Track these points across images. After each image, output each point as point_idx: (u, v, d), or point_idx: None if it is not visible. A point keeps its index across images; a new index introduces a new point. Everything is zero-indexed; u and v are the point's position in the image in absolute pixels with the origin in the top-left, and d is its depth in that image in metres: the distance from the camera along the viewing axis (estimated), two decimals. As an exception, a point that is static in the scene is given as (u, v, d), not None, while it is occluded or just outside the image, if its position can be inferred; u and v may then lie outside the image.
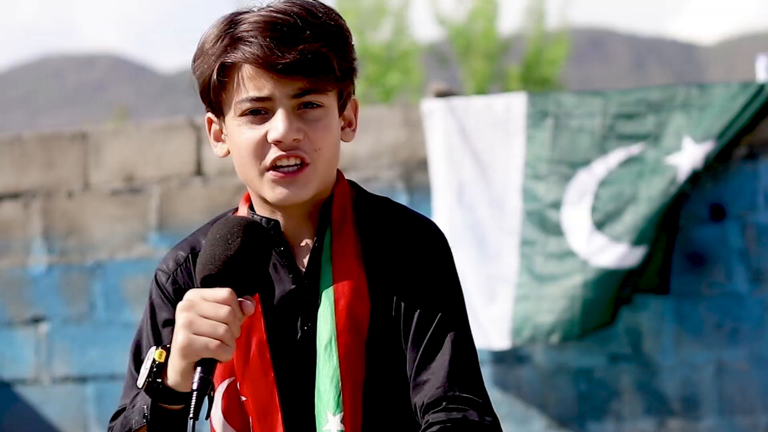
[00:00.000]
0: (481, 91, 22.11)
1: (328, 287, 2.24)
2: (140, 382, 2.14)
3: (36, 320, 7.30)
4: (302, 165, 2.23)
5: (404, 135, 6.94)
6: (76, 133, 7.38)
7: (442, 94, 6.96)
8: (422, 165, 6.87)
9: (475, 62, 23.34)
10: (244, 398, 2.26)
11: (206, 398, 2.10)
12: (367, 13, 23.46)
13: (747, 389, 6.57)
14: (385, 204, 2.34)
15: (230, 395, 2.27)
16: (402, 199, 6.83)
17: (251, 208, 2.33)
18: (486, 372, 6.77)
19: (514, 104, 6.73)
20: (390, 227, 2.29)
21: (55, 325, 7.27)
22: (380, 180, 6.93)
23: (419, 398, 2.20)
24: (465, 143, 6.74)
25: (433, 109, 6.82)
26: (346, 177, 2.36)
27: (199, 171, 7.20)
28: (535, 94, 6.97)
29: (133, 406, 2.21)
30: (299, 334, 2.27)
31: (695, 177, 6.43)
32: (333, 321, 2.22)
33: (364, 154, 6.88)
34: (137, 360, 2.35)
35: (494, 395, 6.76)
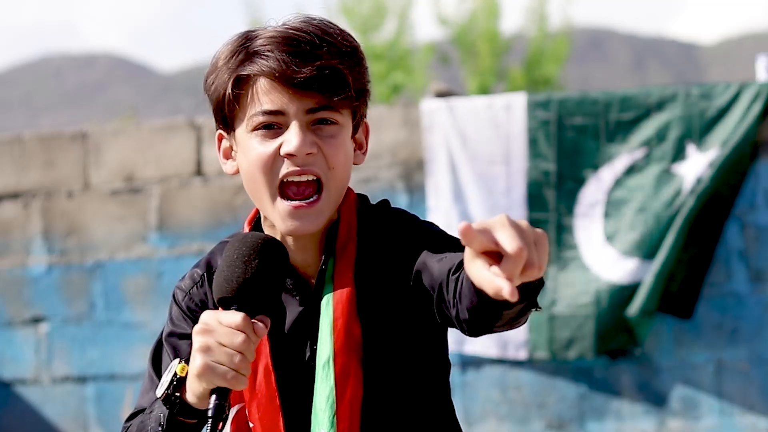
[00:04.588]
0: (484, 90, 22.12)
1: (329, 307, 2.24)
2: (159, 391, 2.15)
3: (36, 320, 7.30)
4: (317, 187, 2.22)
5: (404, 135, 6.94)
6: (76, 133, 7.38)
7: (442, 94, 6.95)
8: (422, 165, 6.87)
9: (477, 62, 23.36)
10: (252, 424, 2.28)
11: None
12: (370, 13, 23.49)
13: (747, 389, 6.57)
14: (385, 214, 2.33)
15: (239, 421, 2.28)
16: (402, 199, 6.83)
17: (255, 229, 2.31)
18: (486, 372, 6.77)
19: (514, 104, 6.73)
20: (386, 239, 2.28)
21: (55, 325, 7.27)
22: (380, 180, 6.92)
23: (447, 269, 2.13)
24: (464, 143, 6.74)
25: (432, 109, 6.83)
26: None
27: (199, 171, 7.20)
28: (535, 94, 6.97)
29: (151, 413, 2.21)
30: (308, 355, 2.27)
31: (705, 190, 6.46)
32: (331, 341, 2.22)
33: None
34: (156, 365, 2.35)
35: (494, 395, 6.76)
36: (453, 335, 6.41)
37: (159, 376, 2.30)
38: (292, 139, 2.19)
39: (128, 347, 7.12)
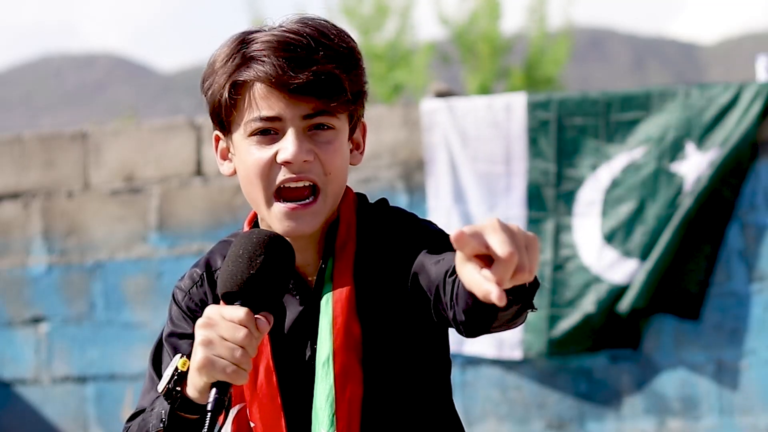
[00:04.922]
0: (484, 90, 22.13)
1: (328, 306, 2.24)
2: (161, 386, 2.15)
3: (36, 320, 7.30)
4: (313, 191, 2.22)
5: (404, 135, 6.94)
6: (76, 133, 7.38)
7: (442, 94, 6.95)
8: (422, 165, 6.88)
9: (477, 62, 23.37)
10: (253, 424, 2.28)
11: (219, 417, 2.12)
12: (371, 14, 23.50)
13: (747, 389, 6.57)
14: (384, 213, 2.33)
15: (240, 421, 2.28)
16: (402, 200, 6.83)
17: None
18: (486, 372, 6.77)
19: (514, 104, 6.73)
20: (385, 238, 2.29)
21: (55, 325, 7.27)
22: (380, 180, 6.93)
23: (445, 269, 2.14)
24: (464, 143, 6.74)
25: (432, 109, 6.83)
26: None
27: (199, 171, 7.20)
28: (535, 94, 6.97)
29: (152, 410, 2.21)
30: (308, 355, 2.27)
31: (704, 190, 6.46)
32: (331, 339, 2.23)
33: (364, 153, 6.87)
34: (157, 365, 2.35)
35: (494, 395, 6.76)
36: (453, 335, 6.41)
37: (159, 376, 2.30)
38: (288, 147, 2.19)
39: (128, 347, 7.12)
